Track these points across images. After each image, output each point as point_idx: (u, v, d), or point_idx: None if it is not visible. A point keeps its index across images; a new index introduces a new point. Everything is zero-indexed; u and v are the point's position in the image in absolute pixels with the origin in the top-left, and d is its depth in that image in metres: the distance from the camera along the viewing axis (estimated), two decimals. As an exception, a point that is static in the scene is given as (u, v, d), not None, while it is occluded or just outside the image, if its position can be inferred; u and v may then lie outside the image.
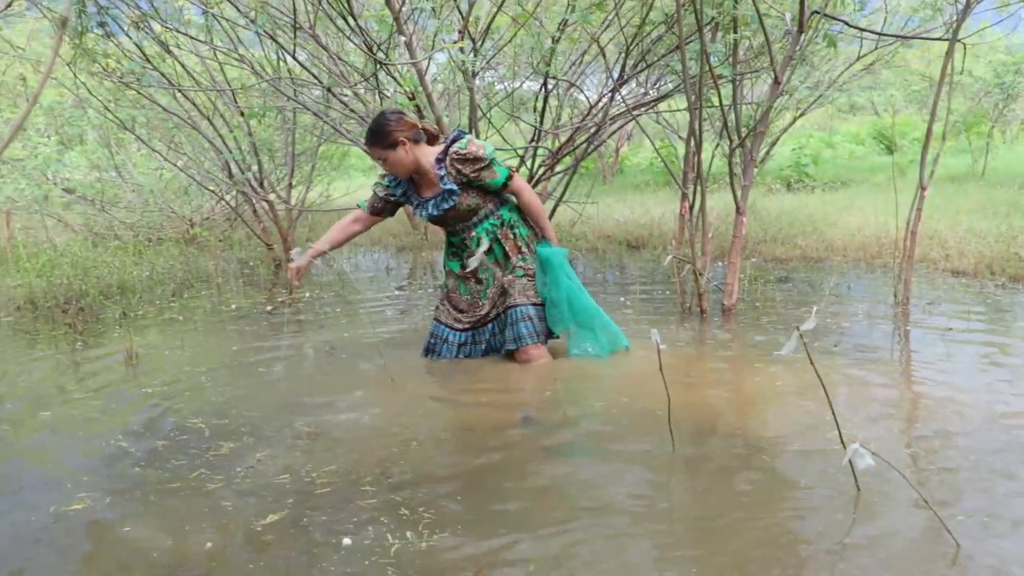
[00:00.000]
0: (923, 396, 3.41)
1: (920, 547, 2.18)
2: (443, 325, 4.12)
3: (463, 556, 2.21)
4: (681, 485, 2.66)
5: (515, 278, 3.97)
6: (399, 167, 3.80)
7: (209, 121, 7.06)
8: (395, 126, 3.72)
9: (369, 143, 3.77)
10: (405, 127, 3.74)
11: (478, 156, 3.75)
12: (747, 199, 4.86)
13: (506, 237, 3.97)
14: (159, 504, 2.58)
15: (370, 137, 3.76)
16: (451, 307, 4.13)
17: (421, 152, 3.81)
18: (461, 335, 4.10)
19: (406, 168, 3.81)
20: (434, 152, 3.84)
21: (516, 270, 3.98)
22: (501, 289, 4.01)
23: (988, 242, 6.34)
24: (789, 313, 4.90)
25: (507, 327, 3.97)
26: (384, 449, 2.97)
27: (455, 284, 4.10)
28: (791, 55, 4.55)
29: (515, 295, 3.95)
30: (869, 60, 7.99)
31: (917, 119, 17.11)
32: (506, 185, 3.89)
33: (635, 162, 14.85)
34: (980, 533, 2.22)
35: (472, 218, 3.92)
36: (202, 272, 7.12)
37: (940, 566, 2.08)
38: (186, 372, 4.06)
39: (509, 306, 3.96)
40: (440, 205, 3.85)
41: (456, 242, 4.05)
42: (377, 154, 3.77)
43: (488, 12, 5.33)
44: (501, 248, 3.97)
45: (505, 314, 3.99)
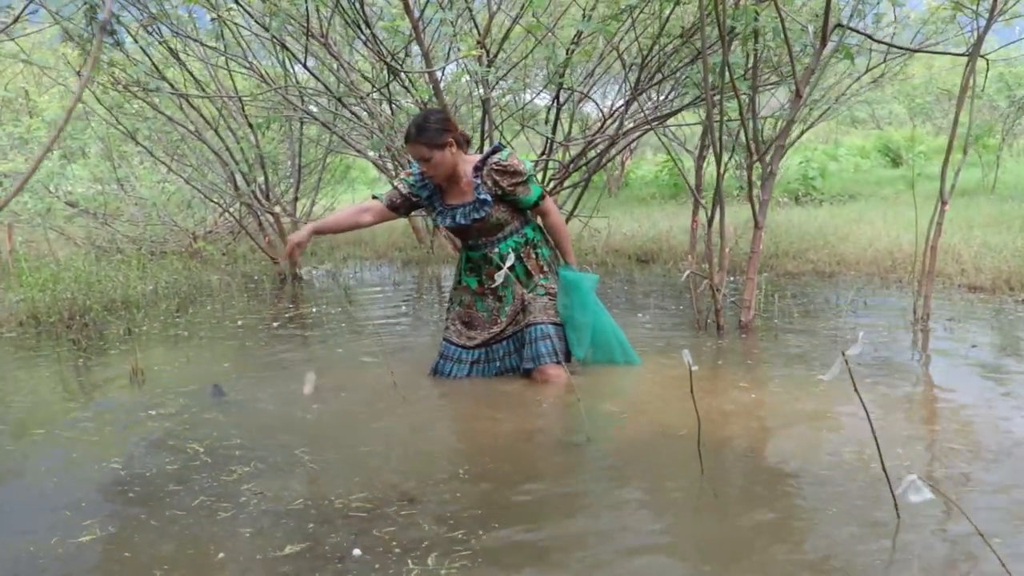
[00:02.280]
0: (956, 418, 3.30)
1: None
2: (453, 345, 4.01)
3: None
4: (712, 512, 2.55)
5: (536, 296, 3.87)
6: (439, 168, 3.67)
7: (215, 132, 6.98)
8: (444, 124, 3.62)
9: (415, 140, 3.61)
10: (453, 128, 3.66)
11: (518, 170, 3.68)
12: (766, 213, 4.77)
13: (528, 256, 3.88)
14: (171, 534, 2.46)
15: (417, 133, 3.61)
16: (461, 325, 4.02)
17: (461, 157, 3.73)
18: (473, 352, 3.98)
19: (446, 171, 3.70)
20: (470, 159, 3.75)
21: (537, 288, 3.88)
22: (520, 306, 3.90)
23: (1004, 257, 6.24)
24: (808, 329, 4.81)
25: (525, 345, 3.86)
26: (401, 473, 2.86)
27: (471, 300, 3.99)
28: (813, 68, 4.46)
29: (535, 313, 3.85)
30: (878, 73, 7.94)
31: (920, 132, 17.08)
32: (537, 204, 3.82)
33: (639, 175, 14.78)
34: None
35: (497, 233, 3.82)
36: (206, 286, 7.02)
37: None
38: (192, 392, 3.95)
39: (529, 324, 3.86)
40: (470, 215, 3.74)
41: (476, 257, 3.92)
42: (421, 152, 3.63)
43: (501, 24, 5.26)
44: (523, 267, 3.88)
45: (523, 332, 3.88)
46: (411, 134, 3.62)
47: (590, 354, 3.97)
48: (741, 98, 4.40)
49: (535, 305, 3.85)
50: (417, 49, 5.69)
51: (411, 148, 3.67)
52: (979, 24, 4.57)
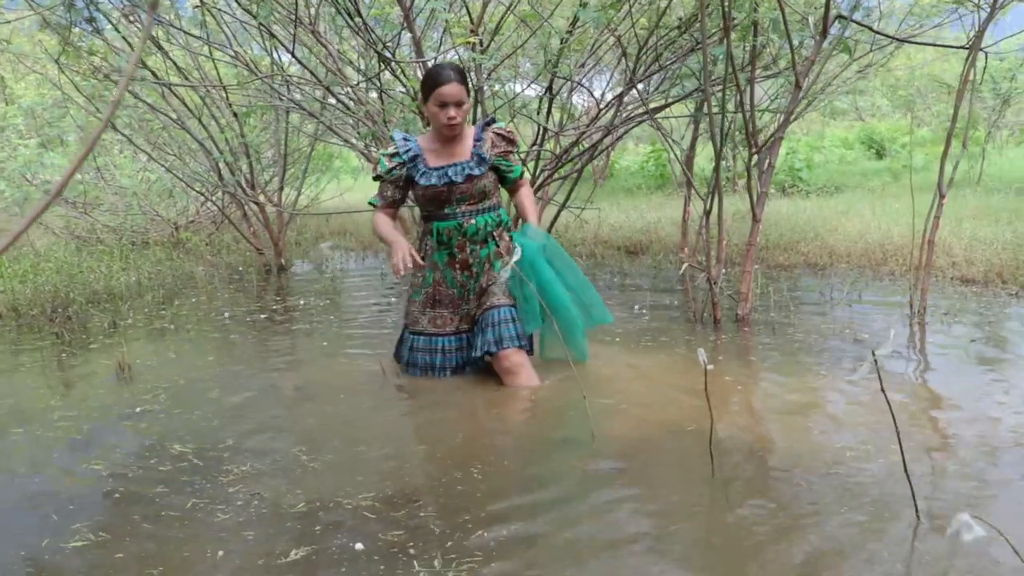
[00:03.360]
0: (962, 413, 3.25)
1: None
2: (430, 336, 3.82)
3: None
4: (723, 514, 2.49)
5: (499, 277, 3.75)
6: (462, 118, 3.55)
7: (199, 120, 6.84)
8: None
9: (458, 80, 3.48)
10: None
11: (514, 139, 3.76)
12: (763, 206, 4.71)
13: (500, 237, 3.80)
14: (166, 537, 2.37)
15: (459, 74, 3.52)
16: (431, 310, 3.81)
17: None
18: (454, 340, 3.83)
19: (464, 120, 3.59)
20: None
21: (505, 268, 3.74)
22: (481, 289, 3.78)
23: (995, 250, 6.22)
24: (805, 322, 4.76)
25: (486, 328, 3.68)
26: (404, 472, 2.79)
27: (440, 277, 3.78)
28: (814, 59, 4.41)
29: (498, 295, 3.73)
30: (864, 63, 7.89)
31: (904, 124, 17.11)
32: (520, 177, 3.86)
33: (623, 166, 14.70)
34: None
35: (480, 203, 3.69)
36: (191, 278, 6.90)
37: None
38: (181, 387, 3.85)
39: (491, 306, 3.72)
40: (464, 172, 3.60)
41: (448, 228, 3.67)
42: (461, 95, 3.49)
43: (491, 14, 5.17)
44: (496, 246, 3.78)
45: (484, 315, 3.72)
46: (451, 76, 3.48)
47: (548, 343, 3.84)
48: (742, 89, 4.34)
49: (498, 287, 3.75)
50: (407, 39, 5.61)
51: (449, 89, 3.47)
52: (980, 17, 4.52)
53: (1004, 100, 11.10)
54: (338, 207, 9.44)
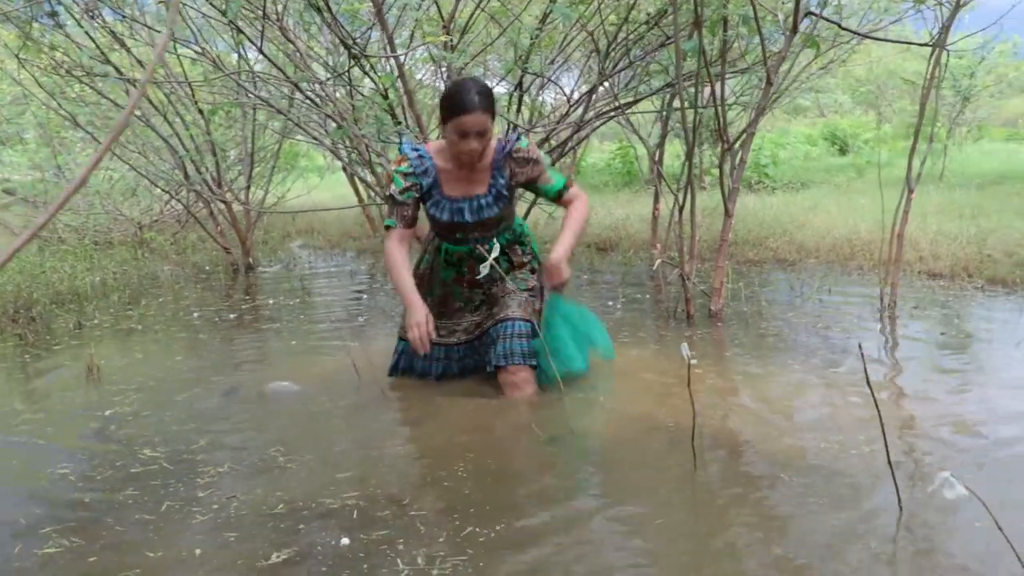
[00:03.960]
0: (935, 404, 3.28)
1: (980, 573, 2.03)
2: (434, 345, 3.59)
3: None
4: (706, 510, 2.48)
5: (516, 290, 3.53)
6: (485, 141, 3.20)
7: (164, 118, 6.74)
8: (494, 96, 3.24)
9: (482, 108, 3.11)
10: None
11: (537, 158, 3.33)
12: (735, 201, 4.73)
13: (514, 251, 3.57)
14: (140, 541, 2.32)
15: (484, 99, 3.12)
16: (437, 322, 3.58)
17: None
18: (453, 350, 3.67)
19: (487, 146, 3.25)
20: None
21: (519, 282, 3.56)
22: (493, 299, 3.57)
23: (960, 244, 6.31)
24: (777, 317, 4.79)
25: (496, 341, 3.43)
26: (384, 472, 2.75)
27: (446, 292, 3.62)
28: (784, 55, 4.43)
29: (513, 308, 3.47)
30: (827, 60, 7.96)
31: (865, 120, 17.31)
32: (561, 194, 3.42)
33: (589, 163, 14.74)
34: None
35: (495, 228, 3.45)
36: (157, 277, 6.80)
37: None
38: (150, 388, 3.78)
39: (504, 319, 3.45)
40: (481, 211, 3.35)
41: (459, 252, 3.50)
42: (485, 123, 3.14)
43: (460, 11, 5.14)
44: (507, 260, 3.55)
45: (496, 327, 3.48)
46: (475, 103, 3.09)
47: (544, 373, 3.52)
48: (713, 84, 4.35)
49: (513, 300, 3.49)
50: (376, 36, 5.56)
51: (472, 120, 3.11)
52: (943, 15, 4.56)
53: (964, 97, 11.26)
54: (304, 205, 9.37)
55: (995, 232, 6.54)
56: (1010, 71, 13.44)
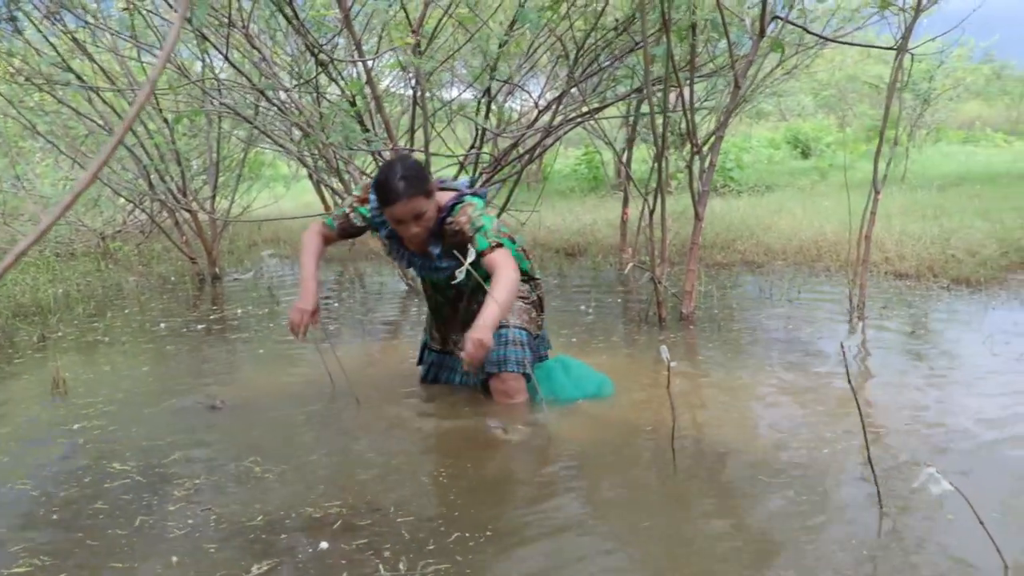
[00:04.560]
0: (908, 403, 3.31)
1: (963, 569, 2.05)
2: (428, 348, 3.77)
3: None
4: (687, 512, 2.48)
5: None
6: (427, 222, 3.15)
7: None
8: (422, 170, 3.12)
9: (409, 194, 3.03)
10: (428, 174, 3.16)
11: (462, 229, 3.19)
12: (706, 205, 4.75)
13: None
14: (115, 557, 2.27)
15: (410, 184, 3.03)
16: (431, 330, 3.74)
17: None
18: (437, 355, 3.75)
19: (430, 221, 3.17)
20: (438, 203, 3.23)
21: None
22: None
23: (925, 244, 6.39)
24: (748, 319, 4.82)
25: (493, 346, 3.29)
26: (363, 480, 2.72)
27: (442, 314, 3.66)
28: (752, 59, 4.46)
29: (510, 315, 3.38)
30: (791, 64, 8.04)
31: (827, 123, 17.51)
32: (483, 255, 3.13)
33: (556, 169, 14.76)
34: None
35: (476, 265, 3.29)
36: (122, 289, 6.70)
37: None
38: (119, 401, 3.71)
39: (500, 325, 3.30)
40: (429, 268, 3.39)
41: (440, 300, 3.61)
42: (418, 208, 3.08)
43: (430, 16, 5.12)
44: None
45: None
46: (400, 189, 3.02)
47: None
48: (681, 88, 4.37)
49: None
50: (343, 43, 5.53)
51: (402, 208, 3.06)
52: (906, 19, 4.62)
53: (924, 100, 11.43)
54: (270, 215, 9.28)
55: (957, 232, 6.63)
56: (967, 75, 13.65)
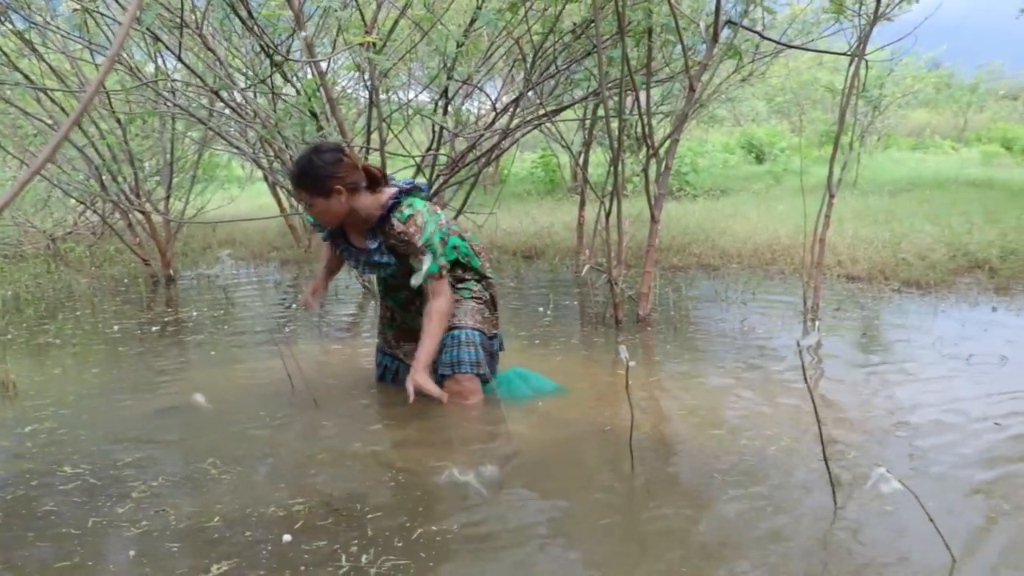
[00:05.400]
0: (858, 401, 3.38)
1: (913, 564, 2.09)
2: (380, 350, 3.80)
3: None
4: (644, 510, 2.50)
5: (461, 299, 3.46)
6: (325, 217, 3.21)
7: (79, 127, 6.54)
8: (331, 168, 3.10)
9: (296, 184, 3.16)
10: (344, 171, 3.12)
11: (411, 240, 3.17)
12: (662, 207, 4.79)
13: (452, 273, 3.45)
14: (69, 557, 2.24)
15: (299, 178, 3.13)
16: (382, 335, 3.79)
17: (359, 202, 3.21)
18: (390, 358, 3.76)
19: (334, 219, 3.22)
20: (376, 202, 3.22)
21: (462, 292, 3.47)
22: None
23: (876, 248, 6.51)
24: (704, 321, 4.87)
25: (444, 349, 3.39)
26: (320, 481, 2.71)
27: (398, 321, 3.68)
28: (706, 63, 4.51)
29: (459, 316, 3.41)
30: (747, 71, 8.14)
31: (781, 129, 17.74)
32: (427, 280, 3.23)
33: (512, 171, 14.79)
34: (976, 547, 2.16)
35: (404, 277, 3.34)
36: (74, 290, 6.59)
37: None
38: (71, 404, 3.65)
39: (452, 327, 3.40)
40: (370, 268, 3.38)
41: (391, 304, 3.64)
42: (303, 198, 3.18)
43: (386, 17, 5.11)
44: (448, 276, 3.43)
45: (444, 336, 3.39)
46: (293, 176, 3.18)
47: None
48: (638, 92, 4.41)
49: (460, 309, 3.43)
50: (297, 45, 5.49)
51: (295, 192, 3.25)
52: (861, 25, 4.70)
53: (875, 106, 11.64)
54: (225, 217, 9.20)
55: (908, 236, 6.77)
56: (916, 83, 13.92)
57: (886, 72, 11.34)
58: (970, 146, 20.00)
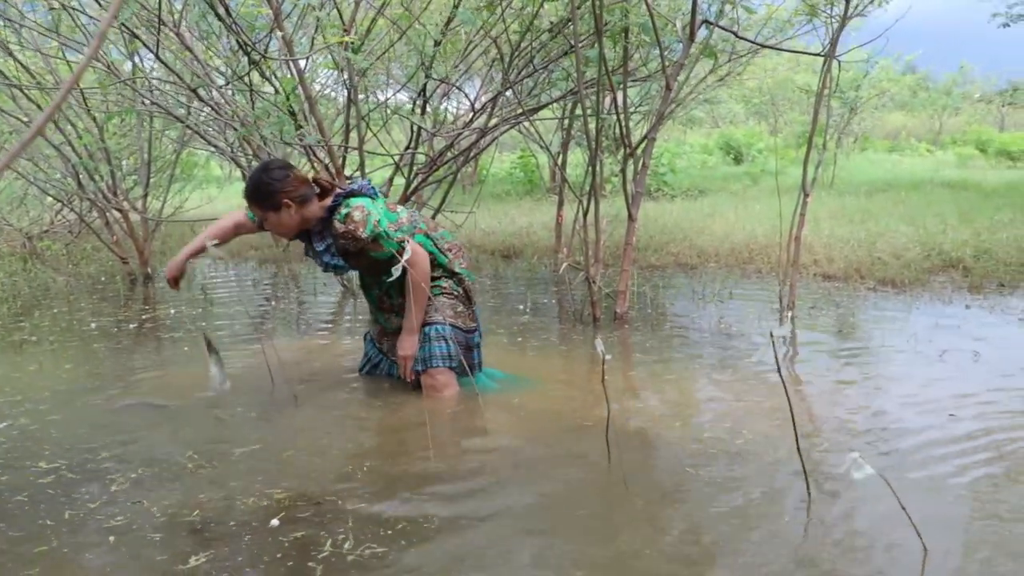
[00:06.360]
0: (833, 397, 3.42)
1: (886, 553, 2.13)
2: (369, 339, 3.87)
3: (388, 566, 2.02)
4: (620, 500, 2.53)
5: (431, 297, 3.51)
6: (278, 228, 3.34)
7: (55, 124, 6.51)
8: (279, 184, 3.22)
9: (248, 198, 3.32)
10: (292, 185, 3.24)
11: (356, 235, 3.24)
12: (639, 205, 4.83)
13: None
14: (44, 548, 2.24)
15: (250, 192, 3.29)
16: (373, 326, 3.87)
17: (310, 212, 3.32)
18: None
19: (288, 230, 3.35)
20: (322, 206, 3.35)
21: (432, 290, 3.52)
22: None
23: (852, 247, 6.58)
24: (681, 318, 4.92)
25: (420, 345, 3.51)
26: (300, 475, 2.72)
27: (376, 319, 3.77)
28: (682, 62, 4.55)
29: (430, 312, 3.49)
30: (723, 72, 8.19)
31: (759, 130, 17.86)
32: (393, 257, 3.28)
33: (492, 172, 14.82)
34: (947, 537, 2.20)
35: (385, 267, 3.29)
36: (50, 288, 6.55)
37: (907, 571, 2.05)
38: (47, 400, 3.63)
39: (424, 323, 3.49)
40: (322, 263, 3.44)
41: (369, 303, 3.72)
42: (255, 211, 3.34)
43: (364, 16, 5.13)
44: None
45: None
46: (245, 190, 3.33)
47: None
48: (615, 91, 4.44)
49: (431, 305, 3.50)
50: (276, 45, 5.49)
51: (249, 206, 3.39)
52: (833, 27, 4.76)
53: (851, 108, 11.75)
54: (203, 215, 9.16)
55: (883, 236, 6.85)
56: (891, 85, 14.07)
57: (861, 75, 11.45)
58: (945, 149, 20.22)
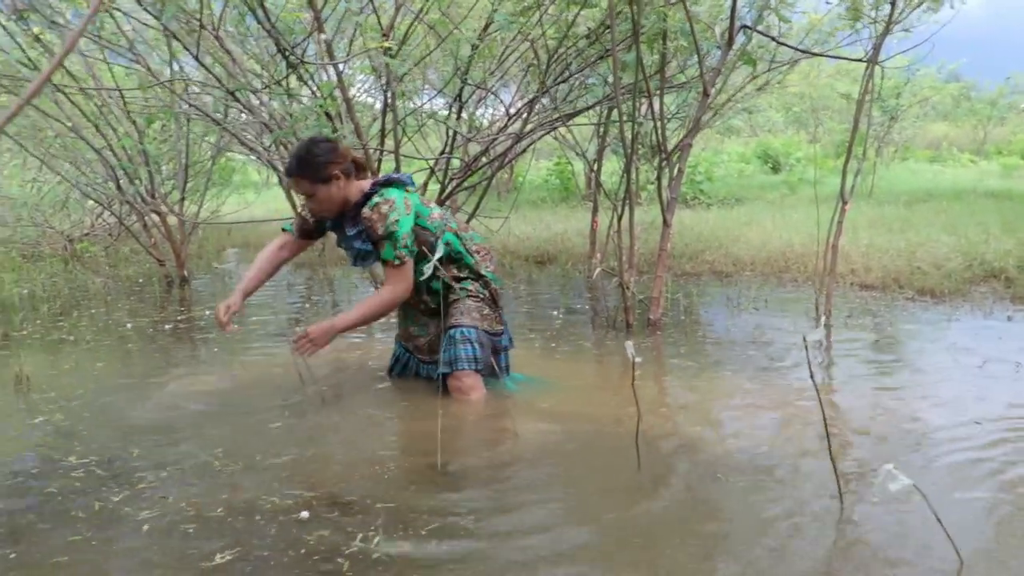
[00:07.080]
0: (870, 408, 3.36)
1: (921, 564, 2.08)
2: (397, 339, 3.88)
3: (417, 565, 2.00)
4: (649, 506, 2.49)
5: (458, 299, 3.52)
6: (326, 204, 3.31)
7: (96, 128, 6.60)
8: (329, 156, 3.22)
9: (296, 173, 3.25)
10: (340, 159, 3.25)
11: (374, 227, 3.26)
12: (674, 212, 4.79)
13: (447, 269, 3.50)
14: (79, 546, 2.25)
15: (297, 166, 3.23)
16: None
17: (351, 188, 3.35)
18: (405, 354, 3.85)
19: (334, 206, 3.33)
20: (359, 189, 3.37)
21: (459, 291, 3.52)
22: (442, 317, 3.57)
23: (891, 257, 6.48)
24: (714, 326, 4.86)
25: (443, 350, 3.48)
26: (325, 475, 2.72)
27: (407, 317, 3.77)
28: (720, 68, 4.51)
29: (456, 316, 3.48)
30: (763, 80, 8.13)
31: (797, 139, 17.71)
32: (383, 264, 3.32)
33: (527, 179, 14.84)
34: (983, 549, 2.14)
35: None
36: (89, 290, 6.64)
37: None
38: (82, 397, 3.68)
39: (450, 326, 3.47)
40: (354, 252, 3.44)
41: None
42: (303, 187, 3.26)
43: (401, 22, 5.14)
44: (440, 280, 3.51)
45: (443, 335, 3.52)
46: (292, 167, 3.25)
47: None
48: (652, 96, 4.41)
49: (456, 308, 3.50)
50: (313, 49, 5.52)
51: (294, 183, 3.31)
52: (876, 31, 4.70)
53: (891, 116, 11.59)
54: (240, 219, 9.24)
55: (923, 246, 6.73)
56: (934, 93, 13.88)
57: (903, 82, 11.30)
58: (989, 159, 19.89)
